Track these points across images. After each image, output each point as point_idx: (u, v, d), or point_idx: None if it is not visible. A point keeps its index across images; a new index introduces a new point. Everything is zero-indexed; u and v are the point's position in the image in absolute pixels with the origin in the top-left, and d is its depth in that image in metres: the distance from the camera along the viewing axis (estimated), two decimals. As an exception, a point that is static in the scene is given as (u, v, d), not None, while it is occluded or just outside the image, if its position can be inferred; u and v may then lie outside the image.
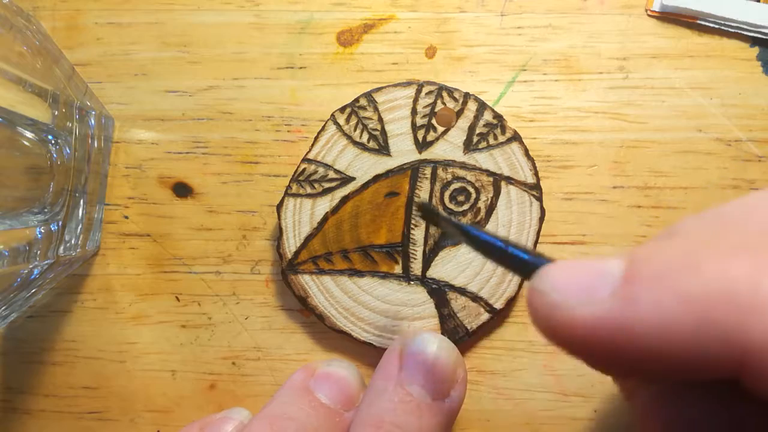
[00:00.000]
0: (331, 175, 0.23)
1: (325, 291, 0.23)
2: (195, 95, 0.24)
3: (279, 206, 0.23)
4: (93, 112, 0.23)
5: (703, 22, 0.23)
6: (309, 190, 0.23)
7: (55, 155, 0.21)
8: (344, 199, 0.23)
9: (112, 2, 0.25)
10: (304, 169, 0.23)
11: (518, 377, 0.23)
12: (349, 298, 0.22)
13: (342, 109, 0.23)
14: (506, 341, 0.23)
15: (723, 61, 0.23)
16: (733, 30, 0.23)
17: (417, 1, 0.24)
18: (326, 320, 0.22)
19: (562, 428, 0.23)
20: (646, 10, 0.24)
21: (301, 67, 0.24)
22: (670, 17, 0.24)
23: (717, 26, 0.23)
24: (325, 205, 0.23)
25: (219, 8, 0.24)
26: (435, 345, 0.21)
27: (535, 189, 0.22)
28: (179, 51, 0.24)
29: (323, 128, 0.23)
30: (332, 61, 0.24)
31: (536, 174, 0.23)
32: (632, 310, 0.12)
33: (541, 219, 0.22)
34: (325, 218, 0.23)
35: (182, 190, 0.24)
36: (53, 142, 0.21)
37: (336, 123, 0.23)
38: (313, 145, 0.23)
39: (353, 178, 0.23)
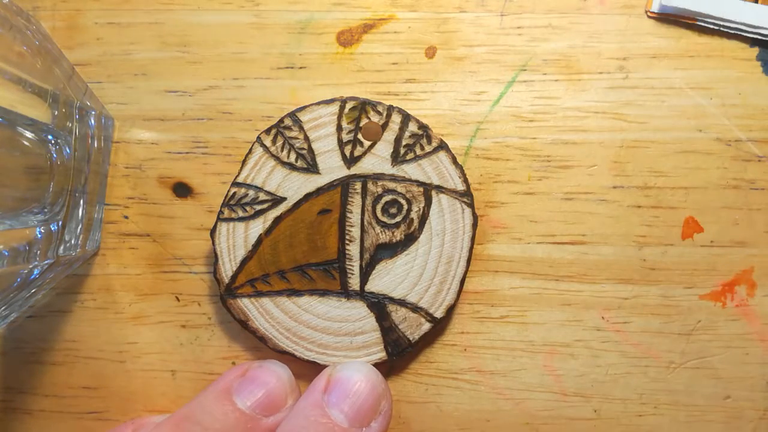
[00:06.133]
0: (262, 197, 0.23)
1: (265, 313, 0.23)
2: (195, 95, 0.24)
3: (212, 232, 0.23)
4: (93, 112, 0.23)
5: (702, 23, 0.23)
6: (241, 214, 0.23)
7: (55, 155, 0.21)
8: (277, 220, 0.23)
9: (112, 2, 0.25)
10: (234, 193, 0.23)
11: (518, 377, 0.23)
12: (289, 319, 0.22)
13: (267, 131, 0.23)
14: (506, 341, 0.23)
15: (723, 61, 0.23)
16: (732, 31, 0.23)
17: (417, 1, 0.24)
18: (268, 342, 0.22)
19: (562, 428, 0.23)
20: (646, 11, 0.24)
21: (301, 67, 0.24)
22: (669, 18, 0.24)
23: (716, 27, 0.23)
24: (258, 227, 0.23)
25: (219, 8, 0.24)
26: (362, 374, 0.21)
27: (465, 196, 0.23)
28: (179, 51, 0.24)
29: (250, 151, 0.23)
30: (332, 61, 0.24)
31: (466, 181, 0.23)
32: None
33: (474, 225, 0.22)
34: (259, 240, 0.23)
35: (182, 190, 0.24)
36: (53, 142, 0.21)
37: (263, 145, 0.23)
38: (241, 168, 0.23)
39: (284, 199, 0.23)
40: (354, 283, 0.23)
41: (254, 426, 0.21)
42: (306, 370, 0.23)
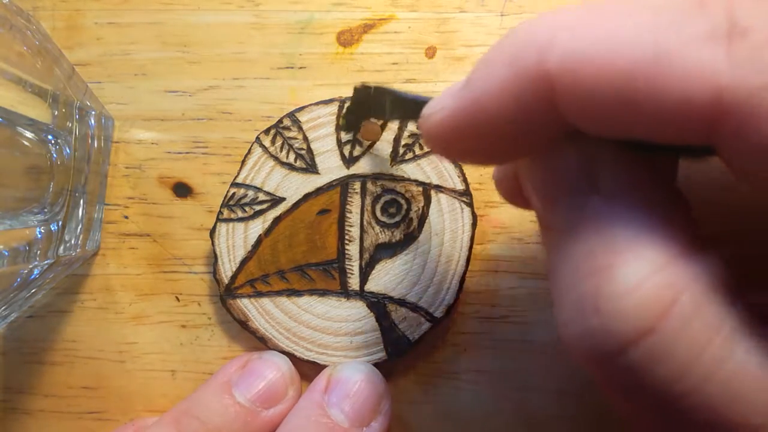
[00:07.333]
0: (261, 197, 0.23)
1: (265, 313, 0.23)
2: (195, 95, 0.24)
3: (212, 232, 0.23)
4: (93, 112, 0.23)
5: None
6: (240, 214, 0.23)
7: (55, 155, 0.21)
8: (276, 220, 0.23)
9: (112, 2, 0.25)
10: (234, 194, 0.23)
11: (518, 377, 0.23)
12: (289, 319, 0.22)
13: (267, 131, 0.23)
14: (506, 341, 0.23)
15: (723, 61, 0.23)
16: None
17: (417, 1, 0.24)
18: (269, 342, 0.22)
19: (562, 428, 0.23)
20: (646, 10, 0.24)
21: (301, 67, 0.24)
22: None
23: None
24: (257, 227, 0.23)
25: (219, 8, 0.24)
26: (362, 374, 0.21)
27: (464, 195, 0.23)
28: (179, 51, 0.24)
29: (249, 151, 0.23)
30: (332, 61, 0.24)
31: (465, 180, 0.23)
32: (469, 89, 0.14)
33: (474, 224, 0.22)
34: (259, 241, 0.23)
35: (182, 190, 0.24)
36: (53, 142, 0.22)
37: (262, 145, 0.23)
38: (240, 168, 0.23)
39: (283, 199, 0.23)
40: (354, 283, 0.23)
41: (253, 419, 0.21)
42: (306, 370, 0.23)
